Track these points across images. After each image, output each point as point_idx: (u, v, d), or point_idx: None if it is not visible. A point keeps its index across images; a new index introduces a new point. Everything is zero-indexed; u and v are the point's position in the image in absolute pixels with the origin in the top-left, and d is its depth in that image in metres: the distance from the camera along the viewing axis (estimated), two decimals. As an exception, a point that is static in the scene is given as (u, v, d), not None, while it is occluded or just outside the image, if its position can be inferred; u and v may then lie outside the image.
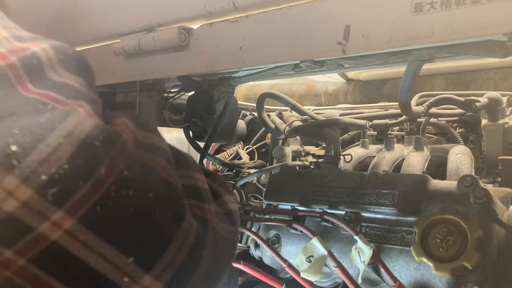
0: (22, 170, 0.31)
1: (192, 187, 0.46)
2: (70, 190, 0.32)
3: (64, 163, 0.32)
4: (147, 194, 0.36)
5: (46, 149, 0.32)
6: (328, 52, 0.67)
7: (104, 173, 0.34)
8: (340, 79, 2.27)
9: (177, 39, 0.82)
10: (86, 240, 0.33)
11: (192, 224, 0.41)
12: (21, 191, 0.31)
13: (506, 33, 0.56)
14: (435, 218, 0.83)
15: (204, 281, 0.43)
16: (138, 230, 0.35)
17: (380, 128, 1.36)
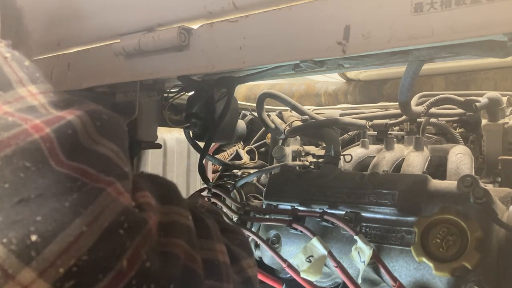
0: (39, 262, 0.29)
1: (212, 262, 0.44)
2: (88, 284, 0.30)
3: (84, 254, 0.30)
4: (168, 286, 0.35)
5: (67, 238, 0.30)
6: (328, 52, 0.67)
7: (126, 265, 0.32)
8: (340, 79, 2.27)
9: (177, 39, 0.82)
10: None
11: None
12: (36, 285, 0.29)
13: (506, 33, 0.56)
14: (435, 218, 0.83)
15: None
16: None
17: (380, 128, 1.36)
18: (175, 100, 1.29)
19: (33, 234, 0.29)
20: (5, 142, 0.32)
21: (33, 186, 0.31)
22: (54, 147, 0.33)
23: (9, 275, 0.28)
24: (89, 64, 1.02)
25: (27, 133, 0.33)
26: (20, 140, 0.32)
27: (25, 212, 0.30)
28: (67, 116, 0.35)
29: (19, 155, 0.32)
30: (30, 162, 0.32)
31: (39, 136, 0.33)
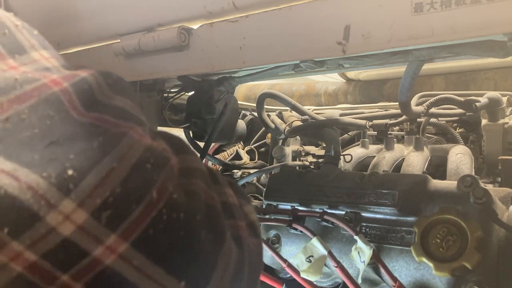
0: (78, 194, 0.32)
1: (226, 204, 0.46)
2: (123, 213, 0.33)
3: (117, 187, 0.33)
4: (195, 217, 0.37)
5: (100, 173, 0.33)
6: (328, 52, 0.67)
7: (156, 196, 0.34)
8: (340, 79, 2.27)
9: (177, 39, 0.82)
10: (139, 264, 0.33)
11: (232, 245, 0.42)
12: (77, 214, 0.31)
13: (506, 33, 0.56)
14: (435, 218, 0.83)
15: None
16: (188, 254, 0.36)
17: (380, 128, 1.36)
18: (175, 100, 1.29)
19: (69, 169, 0.32)
20: (28, 93, 0.34)
21: (60, 131, 0.33)
22: (72, 99, 0.35)
23: (51, 205, 0.31)
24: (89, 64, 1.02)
25: (47, 86, 0.35)
26: (41, 92, 0.34)
27: (58, 151, 0.32)
28: (82, 73, 0.37)
29: (43, 105, 0.34)
30: (53, 111, 0.34)
31: (58, 89, 0.35)
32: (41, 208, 0.31)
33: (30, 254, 0.30)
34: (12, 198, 0.30)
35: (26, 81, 0.35)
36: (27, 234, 0.30)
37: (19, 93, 0.34)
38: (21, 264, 0.30)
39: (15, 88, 0.34)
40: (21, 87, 0.34)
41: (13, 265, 0.30)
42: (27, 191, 0.31)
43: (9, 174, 0.31)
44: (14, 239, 0.30)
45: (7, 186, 0.30)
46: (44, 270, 0.30)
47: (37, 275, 0.30)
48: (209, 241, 0.38)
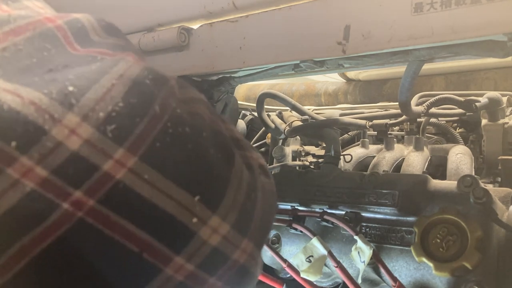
0: (81, 108, 0.31)
1: (232, 137, 0.44)
2: (128, 127, 0.32)
3: (119, 102, 0.32)
4: (201, 133, 0.36)
5: (100, 89, 0.32)
6: (328, 52, 0.67)
7: (159, 110, 0.34)
8: (340, 79, 2.27)
9: (177, 39, 0.82)
10: (151, 178, 0.32)
11: (243, 168, 0.41)
12: (82, 128, 0.31)
13: (506, 33, 0.56)
14: (435, 218, 0.83)
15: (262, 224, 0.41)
16: (199, 167, 0.35)
17: (380, 128, 1.36)
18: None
19: (69, 86, 0.32)
20: (23, 27, 0.34)
21: (58, 61, 0.34)
22: (68, 35, 0.36)
23: (55, 119, 0.30)
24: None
25: (41, 22, 0.36)
26: (36, 26, 0.35)
27: (57, 74, 0.33)
28: (74, 15, 0.39)
29: (39, 37, 0.34)
30: (49, 44, 0.34)
31: (53, 25, 0.36)
32: (45, 122, 0.30)
33: (40, 169, 0.30)
34: (16, 113, 0.30)
35: (19, 17, 0.35)
36: (35, 148, 0.30)
37: (13, 26, 0.34)
38: (33, 180, 0.29)
39: (9, 22, 0.34)
40: (15, 21, 0.34)
41: (25, 181, 0.29)
42: (30, 105, 0.30)
43: (10, 92, 0.30)
44: (23, 154, 0.29)
45: (10, 101, 0.30)
46: (56, 186, 0.30)
47: (50, 191, 0.30)
48: (219, 158, 0.37)
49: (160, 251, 0.33)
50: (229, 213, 0.36)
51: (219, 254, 0.36)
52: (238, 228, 0.37)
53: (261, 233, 0.41)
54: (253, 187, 0.41)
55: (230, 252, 0.37)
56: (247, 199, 0.39)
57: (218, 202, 0.36)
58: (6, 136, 0.29)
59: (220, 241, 0.35)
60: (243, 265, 0.38)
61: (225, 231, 0.36)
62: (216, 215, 0.35)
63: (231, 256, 0.37)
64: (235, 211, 0.37)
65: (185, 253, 0.34)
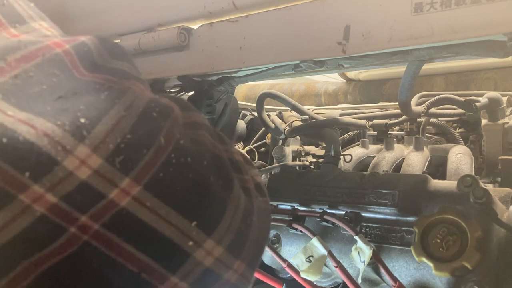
0: (91, 140, 0.33)
1: (231, 160, 0.47)
2: (135, 157, 0.35)
3: (127, 133, 0.35)
4: (202, 162, 0.39)
5: (110, 121, 0.34)
6: (328, 52, 0.67)
7: (164, 141, 0.36)
8: (340, 79, 2.27)
9: (177, 39, 0.82)
10: (152, 205, 0.35)
11: (240, 193, 0.44)
12: (92, 159, 0.33)
13: (506, 33, 0.56)
14: (435, 218, 0.83)
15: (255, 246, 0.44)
16: (198, 195, 0.38)
17: (380, 128, 1.36)
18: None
19: (81, 118, 0.34)
20: (33, 53, 0.36)
21: (67, 87, 0.35)
22: (74, 60, 0.37)
23: (68, 150, 0.33)
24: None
25: (50, 47, 0.37)
26: (45, 52, 0.37)
27: (68, 103, 0.34)
28: (81, 38, 0.40)
29: (48, 63, 0.36)
30: (58, 70, 0.36)
31: (61, 50, 0.37)
32: (58, 154, 0.32)
33: (51, 196, 0.32)
34: (30, 144, 0.32)
35: (29, 42, 0.37)
36: (47, 177, 0.32)
37: (24, 53, 0.36)
38: (43, 206, 0.32)
39: (20, 48, 0.36)
40: (25, 47, 0.36)
41: (36, 207, 0.31)
42: (44, 137, 0.32)
43: (25, 123, 0.32)
44: (35, 183, 0.32)
45: (25, 133, 0.32)
46: (64, 211, 0.32)
47: (59, 216, 0.32)
48: (218, 185, 0.40)
49: (157, 271, 0.35)
50: (224, 237, 0.39)
51: (211, 274, 0.38)
52: (231, 250, 0.40)
53: (254, 254, 0.44)
54: (249, 211, 0.44)
55: (222, 272, 0.39)
56: (242, 223, 0.42)
57: (214, 227, 0.38)
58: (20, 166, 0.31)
59: (213, 262, 0.38)
60: (234, 284, 0.41)
61: (219, 254, 0.39)
62: (211, 239, 0.38)
63: (223, 276, 0.39)
64: (230, 235, 0.40)
65: (180, 273, 0.36)
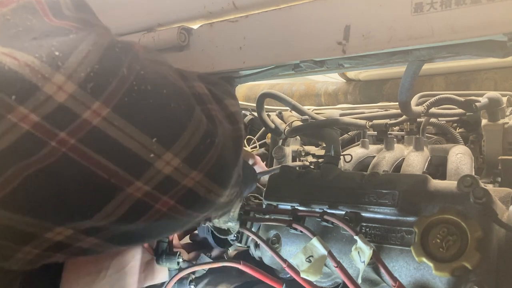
0: (66, 69, 0.40)
1: (194, 94, 0.54)
2: (103, 84, 0.41)
3: (95, 64, 0.41)
4: (162, 90, 0.46)
5: (80, 54, 0.41)
6: (328, 52, 0.67)
7: (126, 72, 0.43)
8: (340, 79, 2.27)
9: (177, 39, 0.82)
10: (119, 125, 0.42)
11: (202, 118, 0.51)
12: (67, 85, 0.40)
13: (506, 33, 0.56)
14: (435, 218, 0.83)
15: (216, 162, 0.52)
16: (158, 117, 0.45)
17: (380, 128, 1.36)
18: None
19: (55, 51, 0.40)
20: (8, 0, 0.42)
21: (40, 30, 0.41)
22: (45, 8, 0.43)
23: (46, 78, 0.39)
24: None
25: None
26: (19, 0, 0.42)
27: (42, 41, 0.40)
28: None
29: (22, 9, 0.42)
30: (31, 15, 0.42)
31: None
32: (38, 80, 0.38)
33: (34, 116, 0.38)
34: (14, 73, 0.38)
35: None
36: (30, 100, 0.38)
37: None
38: (28, 124, 0.38)
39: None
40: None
41: (22, 124, 0.38)
42: (25, 67, 0.38)
43: (8, 55, 0.38)
44: (20, 104, 0.38)
45: (9, 64, 0.38)
46: (46, 128, 0.39)
47: (41, 132, 0.39)
48: (177, 109, 0.47)
49: (123, 177, 0.44)
50: (181, 151, 0.47)
51: (170, 180, 0.47)
52: (188, 162, 0.48)
53: (215, 168, 0.52)
54: (212, 133, 0.51)
55: (179, 179, 0.48)
56: (202, 142, 0.49)
57: (172, 143, 0.46)
58: (7, 90, 0.37)
59: (172, 171, 0.47)
60: (191, 188, 0.49)
61: (176, 164, 0.47)
62: (169, 152, 0.46)
63: (181, 182, 0.48)
64: (188, 150, 0.48)
65: (144, 179, 0.45)
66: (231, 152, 0.57)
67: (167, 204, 0.48)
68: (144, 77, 0.44)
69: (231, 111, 0.62)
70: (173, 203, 0.49)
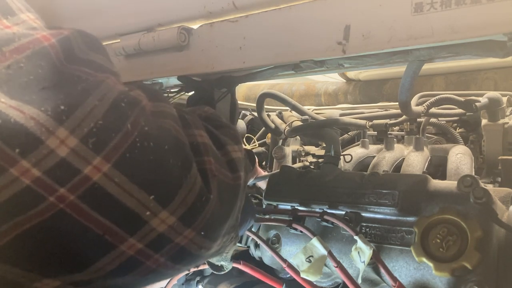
0: (69, 123, 0.40)
1: (192, 144, 0.54)
2: (105, 140, 0.42)
3: (99, 120, 0.42)
4: (163, 146, 0.46)
5: (85, 109, 0.41)
6: (328, 52, 0.67)
7: (130, 127, 0.43)
8: (340, 79, 2.27)
9: (177, 39, 0.82)
10: (119, 181, 0.42)
11: (197, 173, 0.51)
12: (70, 140, 0.40)
13: (506, 33, 0.56)
14: (435, 218, 0.83)
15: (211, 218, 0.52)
16: (157, 174, 0.45)
17: (380, 128, 1.36)
18: (175, 100, 1.29)
19: (61, 105, 0.40)
20: (25, 45, 0.42)
21: (50, 78, 0.41)
22: (59, 53, 0.43)
23: (50, 131, 0.39)
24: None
25: (39, 40, 0.43)
26: (35, 44, 0.43)
27: (50, 93, 0.41)
28: (64, 32, 0.46)
29: (36, 56, 0.42)
30: (44, 62, 0.42)
31: (48, 43, 0.43)
32: (42, 134, 0.39)
33: (35, 170, 0.39)
34: (20, 125, 0.38)
35: (22, 35, 0.43)
36: (33, 154, 0.39)
37: (17, 44, 0.42)
38: (28, 178, 0.39)
39: (14, 40, 0.42)
40: (19, 40, 0.42)
41: (22, 179, 0.39)
42: (31, 120, 0.39)
43: (15, 108, 0.39)
44: (23, 158, 0.38)
45: (15, 117, 0.38)
46: (46, 183, 0.39)
47: (41, 187, 0.39)
48: (177, 166, 0.48)
49: (118, 233, 0.43)
50: (177, 209, 0.47)
51: (164, 238, 0.47)
52: (183, 220, 0.48)
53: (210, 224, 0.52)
54: (205, 190, 0.52)
55: (173, 237, 0.48)
56: (198, 199, 0.50)
57: (169, 201, 0.46)
58: (12, 143, 0.38)
59: (166, 229, 0.47)
60: (183, 247, 0.50)
61: (172, 222, 0.47)
62: (165, 210, 0.46)
63: (174, 240, 0.48)
64: (184, 208, 0.48)
65: (137, 236, 0.45)
66: (226, 203, 0.57)
67: (158, 261, 0.48)
68: (147, 133, 0.45)
69: (232, 158, 0.62)
70: (163, 260, 0.49)
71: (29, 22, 0.46)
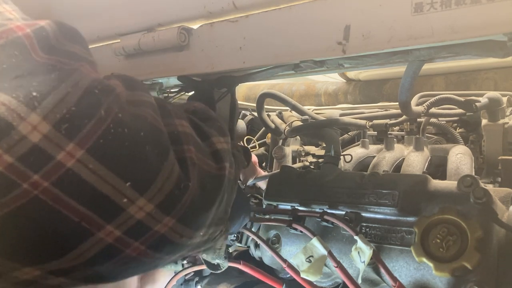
0: (42, 109, 0.40)
1: (172, 133, 0.54)
2: (78, 126, 0.41)
3: (72, 106, 0.41)
4: (138, 133, 0.46)
5: (58, 95, 0.41)
6: (328, 52, 0.67)
7: (104, 113, 0.43)
8: (340, 79, 2.27)
9: (177, 39, 0.82)
10: (94, 167, 0.42)
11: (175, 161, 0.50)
12: (42, 125, 0.39)
13: (506, 33, 0.56)
14: (435, 218, 0.83)
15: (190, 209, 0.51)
16: (133, 160, 0.45)
17: (380, 128, 1.36)
18: (175, 100, 1.29)
19: (33, 92, 0.40)
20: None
21: (24, 67, 0.41)
22: (33, 43, 0.43)
23: (22, 117, 0.39)
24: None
25: (13, 30, 0.43)
26: (9, 34, 0.42)
27: (23, 81, 0.40)
28: (40, 22, 0.45)
29: (10, 45, 0.41)
30: (18, 51, 0.42)
31: (22, 33, 0.43)
32: (14, 119, 0.38)
33: (8, 157, 0.38)
34: None
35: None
36: (5, 140, 0.38)
37: None
38: (1, 165, 0.38)
39: None
40: None
41: None
42: (2, 106, 0.38)
43: None
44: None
45: None
46: (19, 170, 0.39)
47: (14, 174, 0.39)
48: (153, 154, 0.47)
49: (95, 221, 0.43)
50: (155, 196, 0.46)
51: (143, 225, 0.46)
52: (162, 208, 0.47)
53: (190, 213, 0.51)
54: (183, 178, 0.51)
55: (152, 225, 0.47)
56: (176, 187, 0.49)
57: (146, 188, 0.46)
58: None
59: (144, 216, 0.46)
60: (163, 234, 0.49)
61: (150, 209, 0.46)
62: (143, 197, 0.45)
63: (153, 227, 0.47)
64: (161, 195, 0.47)
65: (115, 223, 0.44)
66: (209, 192, 0.56)
67: (138, 249, 0.48)
68: (121, 119, 0.44)
69: (217, 149, 0.61)
70: (143, 248, 0.48)
71: (5, 13, 0.46)
